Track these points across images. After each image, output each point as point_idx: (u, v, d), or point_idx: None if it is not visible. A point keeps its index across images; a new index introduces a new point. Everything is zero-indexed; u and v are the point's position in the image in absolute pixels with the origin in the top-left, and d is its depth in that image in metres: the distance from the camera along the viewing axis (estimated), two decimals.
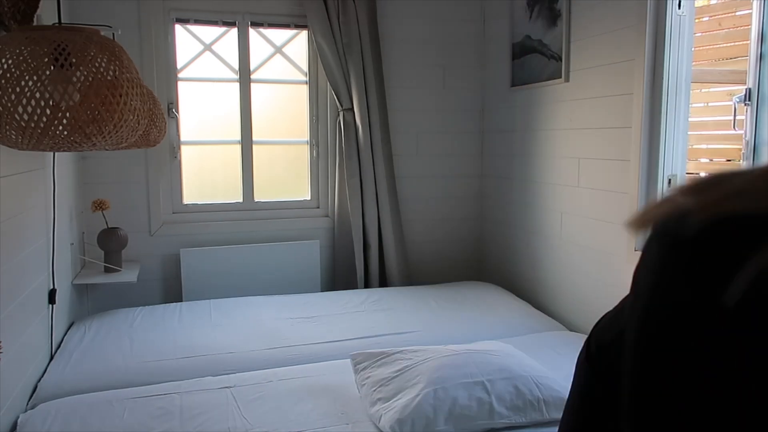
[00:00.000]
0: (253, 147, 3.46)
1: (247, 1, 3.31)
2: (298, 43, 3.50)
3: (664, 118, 2.34)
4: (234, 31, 3.36)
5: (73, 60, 1.36)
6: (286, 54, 3.49)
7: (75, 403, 1.94)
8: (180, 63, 3.30)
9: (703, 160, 2.99)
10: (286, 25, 3.44)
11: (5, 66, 1.33)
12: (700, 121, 2.92)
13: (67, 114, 1.36)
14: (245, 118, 3.42)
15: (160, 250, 3.27)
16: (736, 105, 2.34)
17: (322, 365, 2.29)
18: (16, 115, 1.33)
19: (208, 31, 3.34)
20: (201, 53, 3.34)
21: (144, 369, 2.24)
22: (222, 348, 2.42)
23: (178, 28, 3.28)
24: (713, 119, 2.91)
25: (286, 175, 3.65)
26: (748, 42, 2.31)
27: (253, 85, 3.42)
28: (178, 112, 3.30)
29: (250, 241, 3.39)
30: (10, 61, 1.33)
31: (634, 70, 2.41)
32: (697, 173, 2.80)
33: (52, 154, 2.40)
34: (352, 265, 3.49)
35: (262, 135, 3.48)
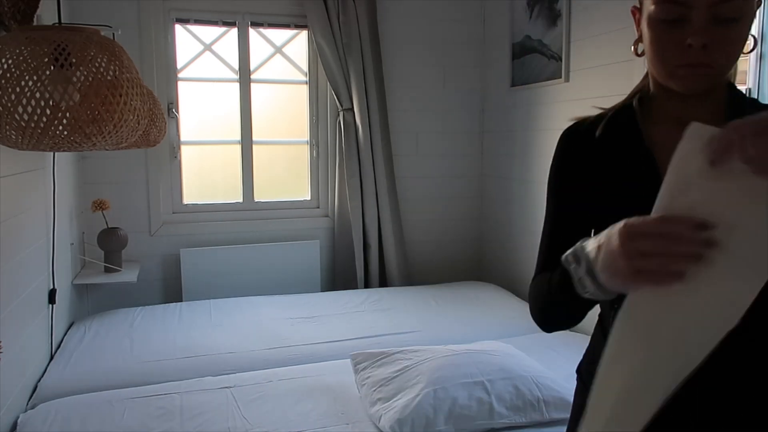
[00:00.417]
0: (253, 147, 3.46)
1: (247, 1, 3.31)
2: (298, 43, 3.50)
3: None
4: (234, 31, 3.36)
5: (73, 60, 1.36)
6: (286, 54, 3.49)
7: (75, 403, 1.95)
8: (180, 63, 3.30)
9: None
10: (286, 25, 3.44)
11: (5, 66, 1.33)
12: None
13: (67, 114, 1.36)
14: (245, 118, 3.42)
15: (160, 250, 3.28)
16: None
17: (322, 365, 2.29)
18: (16, 115, 1.33)
19: (208, 31, 3.34)
20: (201, 53, 3.34)
21: (144, 369, 2.24)
22: (222, 348, 2.42)
23: (178, 28, 3.28)
24: None
25: (286, 175, 3.65)
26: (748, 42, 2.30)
27: (253, 85, 3.42)
28: (178, 112, 3.30)
29: (250, 241, 3.39)
30: (10, 61, 1.33)
31: (634, 70, 2.41)
32: None
33: (52, 154, 2.40)
34: (352, 265, 3.49)
35: (262, 135, 3.48)
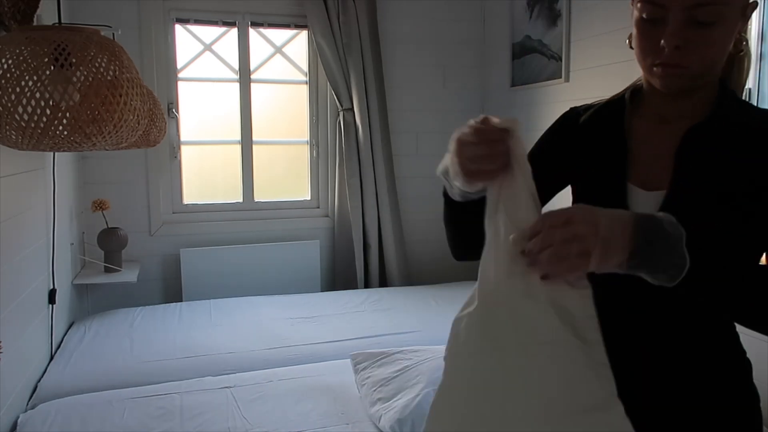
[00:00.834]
0: (253, 147, 3.46)
1: (247, 1, 3.31)
2: (298, 43, 3.50)
3: None
4: (234, 31, 3.36)
5: (73, 60, 1.36)
6: (286, 54, 3.49)
7: (75, 403, 1.94)
8: (180, 63, 3.30)
9: None
10: (286, 25, 3.44)
11: (5, 66, 1.33)
12: None
13: (67, 114, 1.36)
14: (245, 118, 3.42)
15: (160, 250, 3.27)
16: None
17: (322, 365, 2.29)
18: (16, 115, 1.33)
19: (208, 31, 3.34)
20: (201, 53, 3.34)
21: (144, 369, 2.24)
22: (222, 348, 2.42)
23: (178, 28, 3.28)
24: None
25: (286, 175, 3.65)
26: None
27: (253, 85, 3.42)
28: (178, 112, 3.30)
29: (250, 241, 3.39)
30: (10, 61, 1.33)
31: (634, 70, 2.40)
32: None
33: (52, 154, 2.40)
34: (352, 265, 3.49)
35: (262, 135, 3.48)
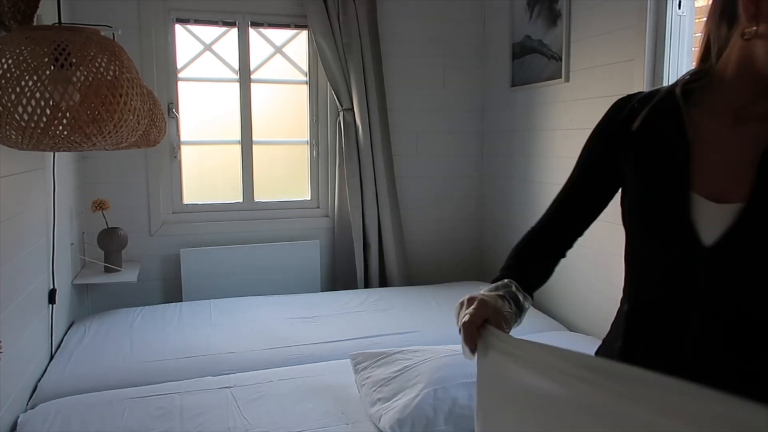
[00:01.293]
0: (253, 147, 3.46)
1: (247, 1, 3.31)
2: (298, 43, 3.50)
3: None
4: (234, 31, 3.36)
5: (73, 60, 1.36)
6: (286, 54, 3.49)
7: (75, 403, 1.94)
8: (180, 63, 3.30)
9: None
10: (286, 25, 3.44)
11: (5, 66, 1.33)
12: None
13: (67, 114, 1.36)
14: (245, 118, 3.42)
15: (160, 250, 3.28)
16: None
17: (322, 365, 2.29)
18: (16, 115, 1.33)
19: (208, 31, 3.34)
20: (201, 53, 3.34)
21: (144, 369, 2.24)
22: (222, 348, 2.42)
23: (178, 28, 3.28)
24: None
25: (286, 175, 3.65)
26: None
27: (253, 85, 3.42)
28: (178, 112, 3.30)
29: (250, 241, 3.39)
30: (10, 61, 1.33)
31: (634, 70, 2.41)
32: None
33: (52, 154, 2.40)
34: (352, 265, 3.49)
35: (262, 135, 3.48)
